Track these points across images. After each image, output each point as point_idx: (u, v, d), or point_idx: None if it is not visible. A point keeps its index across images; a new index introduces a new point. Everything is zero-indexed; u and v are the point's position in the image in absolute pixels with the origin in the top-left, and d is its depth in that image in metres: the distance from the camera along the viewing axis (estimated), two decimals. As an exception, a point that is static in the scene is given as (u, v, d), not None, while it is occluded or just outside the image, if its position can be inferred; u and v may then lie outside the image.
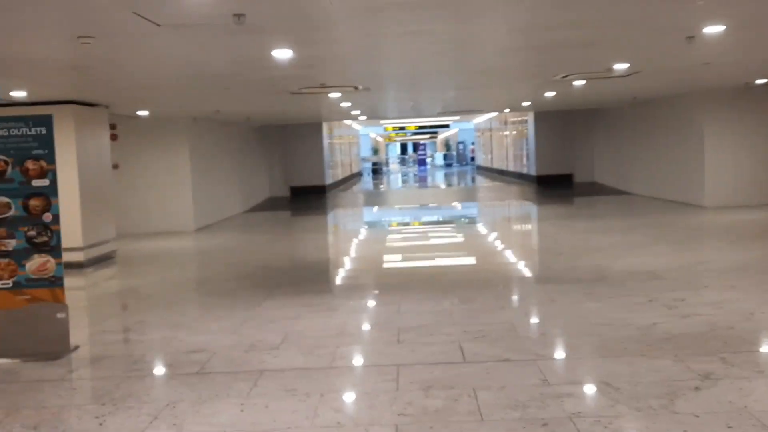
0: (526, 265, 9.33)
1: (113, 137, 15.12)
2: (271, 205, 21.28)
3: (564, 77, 10.33)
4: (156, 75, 8.22)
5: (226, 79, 8.69)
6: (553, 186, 23.36)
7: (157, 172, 15.12)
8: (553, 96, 14.06)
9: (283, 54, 6.60)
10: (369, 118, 22.08)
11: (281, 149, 24.34)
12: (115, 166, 15.07)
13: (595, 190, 21.53)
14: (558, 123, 24.28)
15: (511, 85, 11.78)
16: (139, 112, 13.26)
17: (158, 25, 5.11)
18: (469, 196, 23.74)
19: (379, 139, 65.65)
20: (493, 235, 12.82)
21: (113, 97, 10.61)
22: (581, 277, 7.93)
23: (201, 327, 6.48)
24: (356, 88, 10.22)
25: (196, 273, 9.70)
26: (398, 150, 72.34)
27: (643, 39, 7.08)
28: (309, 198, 23.04)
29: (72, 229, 10.15)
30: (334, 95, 11.14)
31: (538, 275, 8.53)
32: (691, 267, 8.39)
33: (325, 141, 24.91)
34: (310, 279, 8.73)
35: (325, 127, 25.24)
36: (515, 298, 7.31)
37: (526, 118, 25.53)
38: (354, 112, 16.82)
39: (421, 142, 68.03)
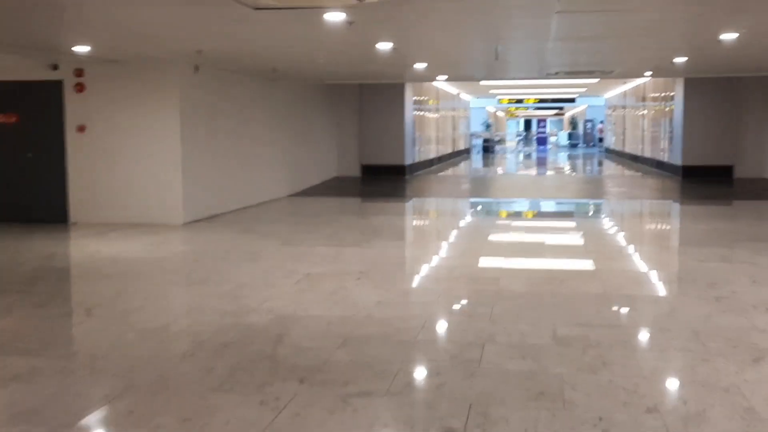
0: (661, 399, 4.19)
1: (79, 88, 10.94)
2: (329, 188, 16.69)
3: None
4: None
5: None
6: (704, 181, 17.39)
7: (135, 139, 10.80)
8: (732, 41, 8.48)
9: None
10: (451, 78, 16.69)
11: (356, 117, 19.66)
12: (81, 129, 10.90)
13: (765, 190, 15.54)
14: (717, 95, 18.15)
15: (664, 13, 6.45)
16: (78, 49, 8.87)
17: None
18: (589, 191, 18.13)
19: (500, 113, 59.80)
20: (610, 287, 7.59)
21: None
22: None
23: None
24: (355, -6, 5.27)
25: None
26: (521, 126, 66.20)
27: None
28: (381, 180, 18.27)
29: None
30: (332, 16, 6.23)
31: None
32: None
33: (409, 110, 19.96)
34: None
35: (413, 92, 20.30)
36: None
37: (671, 93, 19.51)
38: (418, 65, 11.73)
39: (546, 119, 61.57)
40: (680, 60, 10.92)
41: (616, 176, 21.82)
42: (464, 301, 6.12)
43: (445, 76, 15.42)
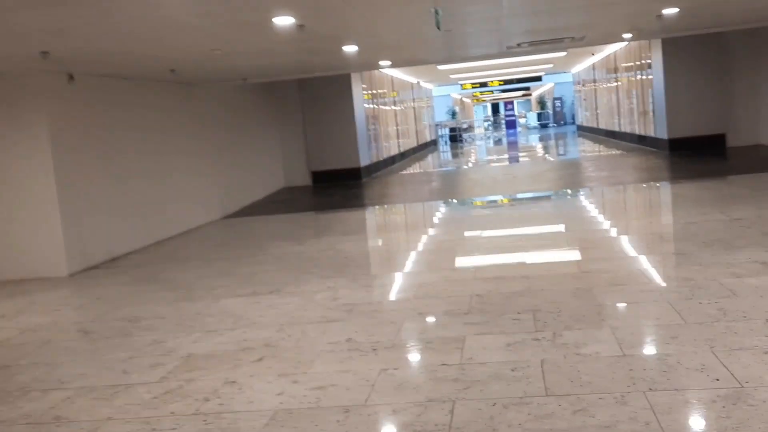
0: None
1: None
2: (272, 203, 14.50)
3: None
4: None
5: None
6: (696, 155, 15.42)
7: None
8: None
9: None
10: (397, 64, 14.39)
11: (299, 119, 17.41)
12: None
13: (765, 159, 13.64)
14: (700, 56, 16.18)
15: None
16: None
17: None
18: (567, 179, 16.02)
19: (466, 100, 57.62)
20: (627, 343, 5.45)
21: None
22: None
23: None
24: None
25: None
26: (489, 111, 64.26)
27: None
28: (334, 188, 16.09)
29: None
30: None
31: None
32: None
33: (359, 105, 17.75)
34: None
35: (361, 84, 18.08)
36: None
37: (648, 60, 17.52)
38: (348, 49, 9.48)
39: (513, 100, 59.52)
40: (670, 12, 8.78)
41: (595, 157, 19.80)
42: (410, 398, 3.92)
43: (389, 62, 13.20)
